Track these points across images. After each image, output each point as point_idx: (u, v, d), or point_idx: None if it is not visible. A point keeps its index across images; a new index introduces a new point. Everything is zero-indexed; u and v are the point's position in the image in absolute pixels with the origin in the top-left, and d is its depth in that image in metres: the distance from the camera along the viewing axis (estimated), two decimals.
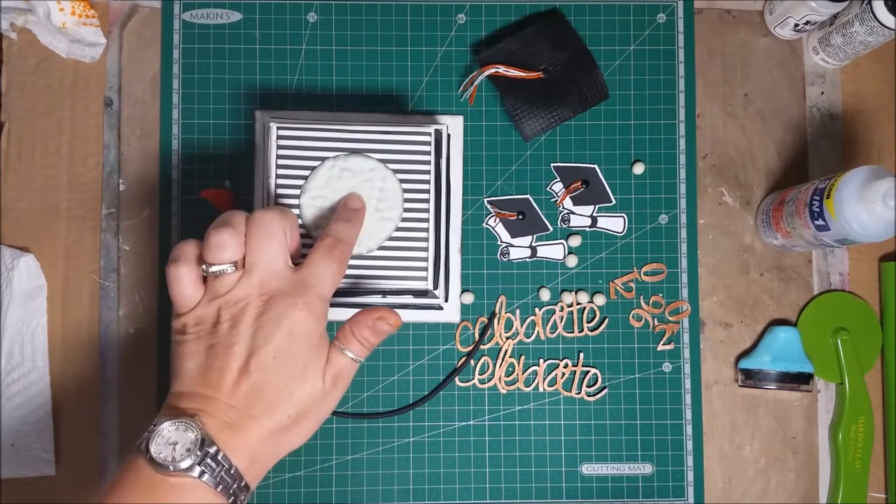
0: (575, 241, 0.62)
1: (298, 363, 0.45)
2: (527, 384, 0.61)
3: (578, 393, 0.61)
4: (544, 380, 0.61)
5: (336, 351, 0.47)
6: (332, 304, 0.60)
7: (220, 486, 0.42)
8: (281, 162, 0.53)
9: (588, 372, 0.61)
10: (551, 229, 0.62)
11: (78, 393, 0.60)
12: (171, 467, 0.41)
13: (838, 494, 0.61)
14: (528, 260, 0.62)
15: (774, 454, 0.62)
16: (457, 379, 0.61)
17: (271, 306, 0.45)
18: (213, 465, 0.41)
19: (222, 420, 0.43)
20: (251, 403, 0.44)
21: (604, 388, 0.61)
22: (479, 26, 0.63)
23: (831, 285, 0.63)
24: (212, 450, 0.42)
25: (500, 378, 0.61)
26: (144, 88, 0.62)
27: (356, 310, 0.60)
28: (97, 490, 0.59)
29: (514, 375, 0.61)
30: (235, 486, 0.42)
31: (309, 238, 0.53)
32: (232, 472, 0.42)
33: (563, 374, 0.61)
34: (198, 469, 0.41)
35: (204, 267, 0.46)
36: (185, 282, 0.45)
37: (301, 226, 0.53)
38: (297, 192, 0.53)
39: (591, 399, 0.61)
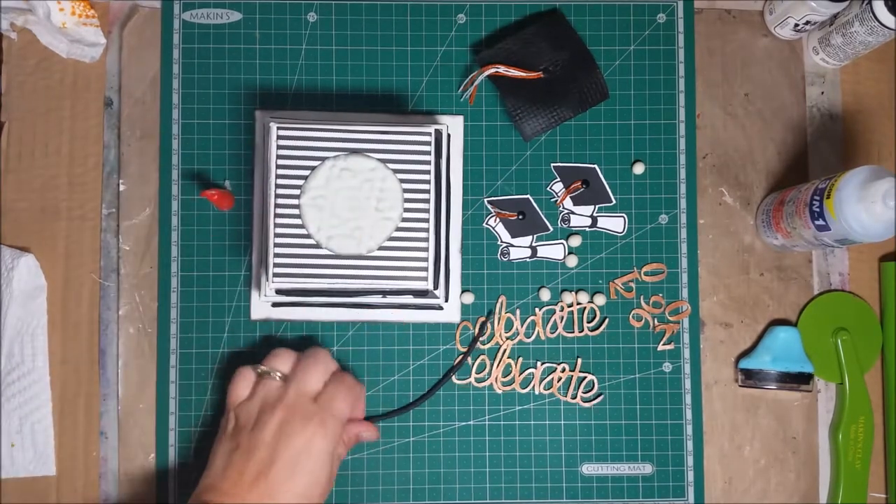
0: (575, 241, 0.62)
1: (311, 473, 0.50)
2: (523, 386, 0.61)
3: (574, 398, 0.61)
4: (540, 383, 0.61)
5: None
6: (331, 305, 0.60)
7: None
8: (281, 162, 0.53)
9: (585, 378, 0.61)
10: (551, 229, 0.62)
11: (78, 393, 0.60)
12: None
13: (838, 494, 0.61)
14: (528, 260, 0.62)
15: (774, 454, 0.62)
16: (454, 377, 0.61)
17: (295, 419, 0.51)
18: None
19: None
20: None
21: (600, 394, 0.61)
22: (479, 26, 0.63)
23: (831, 285, 0.63)
24: None
25: (496, 378, 0.61)
26: (144, 88, 0.62)
27: (356, 309, 0.60)
28: (97, 490, 0.59)
29: (510, 376, 0.61)
30: None
31: (310, 239, 0.53)
32: None
33: (560, 378, 0.61)
34: None
35: (258, 367, 0.54)
36: (243, 380, 0.54)
37: (301, 227, 0.53)
38: (297, 192, 0.53)
39: (587, 405, 0.61)
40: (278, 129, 0.53)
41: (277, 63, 0.62)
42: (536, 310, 0.62)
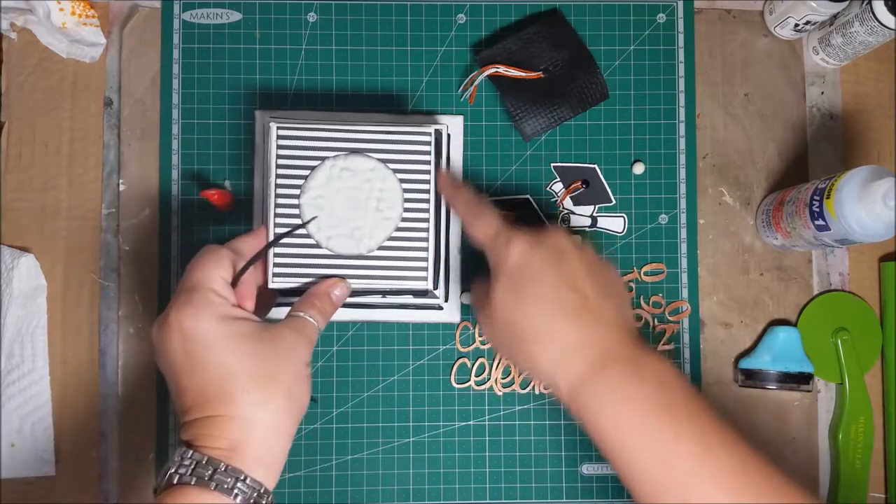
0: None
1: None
2: (523, 387, 0.61)
3: None
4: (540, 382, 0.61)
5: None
6: None
7: None
8: (281, 162, 0.53)
9: None
10: None
11: (78, 393, 0.60)
12: None
13: (838, 494, 0.60)
14: None
15: (774, 454, 0.62)
16: (454, 380, 0.61)
17: None
18: None
19: None
20: None
21: None
22: (479, 26, 0.63)
23: (831, 285, 0.63)
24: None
25: (496, 380, 0.61)
26: (144, 88, 0.62)
27: (356, 309, 0.60)
28: (97, 490, 0.59)
29: (510, 377, 0.61)
30: None
31: (310, 239, 0.53)
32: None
33: None
34: None
35: None
36: None
37: (301, 227, 0.53)
38: (297, 192, 0.53)
39: None
40: (278, 129, 0.53)
41: (277, 63, 0.62)
42: None
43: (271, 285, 0.53)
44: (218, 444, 0.43)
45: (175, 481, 0.42)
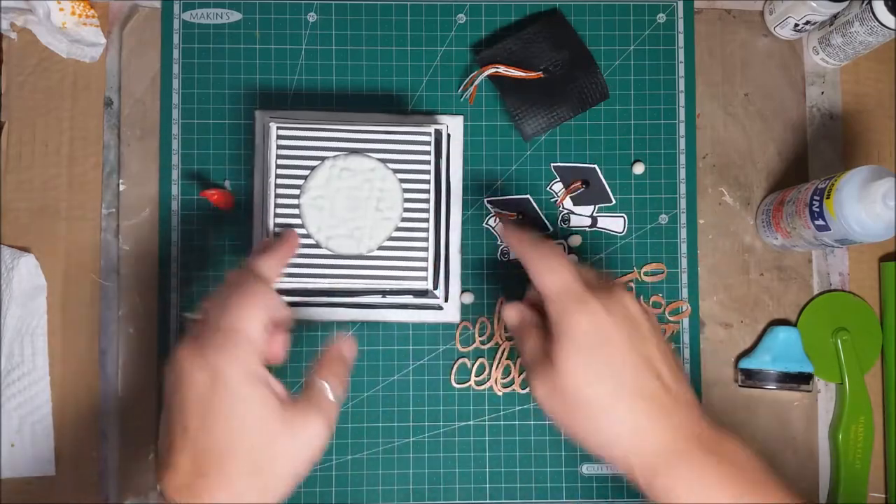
0: (575, 241, 0.62)
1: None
2: (523, 387, 0.61)
3: None
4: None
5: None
6: (331, 305, 0.60)
7: None
8: (281, 162, 0.53)
9: None
10: (551, 229, 0.62)
11: (78, 393, 0.60)
12: None
13: (838, 494, 0.60)
14: None
15: (774, 454, 0.62)
16: (454, 380, 0.61)
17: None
18: None
19: None
20: None
21: None
22: (479, 26, 0.63)
23: (831, 285, 0.63)
24: None
25: (496, 380, 0.61)
26: (144, 88, 0.62)
27: (356, 309, 0.60)
28: (97, 490, 0.59)
29: (510, 377, 0.61)
30: None
31: (310, 239, 0.53)
32: None
33: None
34: None
35: None
36: None
37: (301, 227, 0.53)
38: (296, 192, 0.53)
39: None
40: (278, 129, 0.53)
41: (277, 63, 0.62)
42: None
43: None
44: None
45: None
